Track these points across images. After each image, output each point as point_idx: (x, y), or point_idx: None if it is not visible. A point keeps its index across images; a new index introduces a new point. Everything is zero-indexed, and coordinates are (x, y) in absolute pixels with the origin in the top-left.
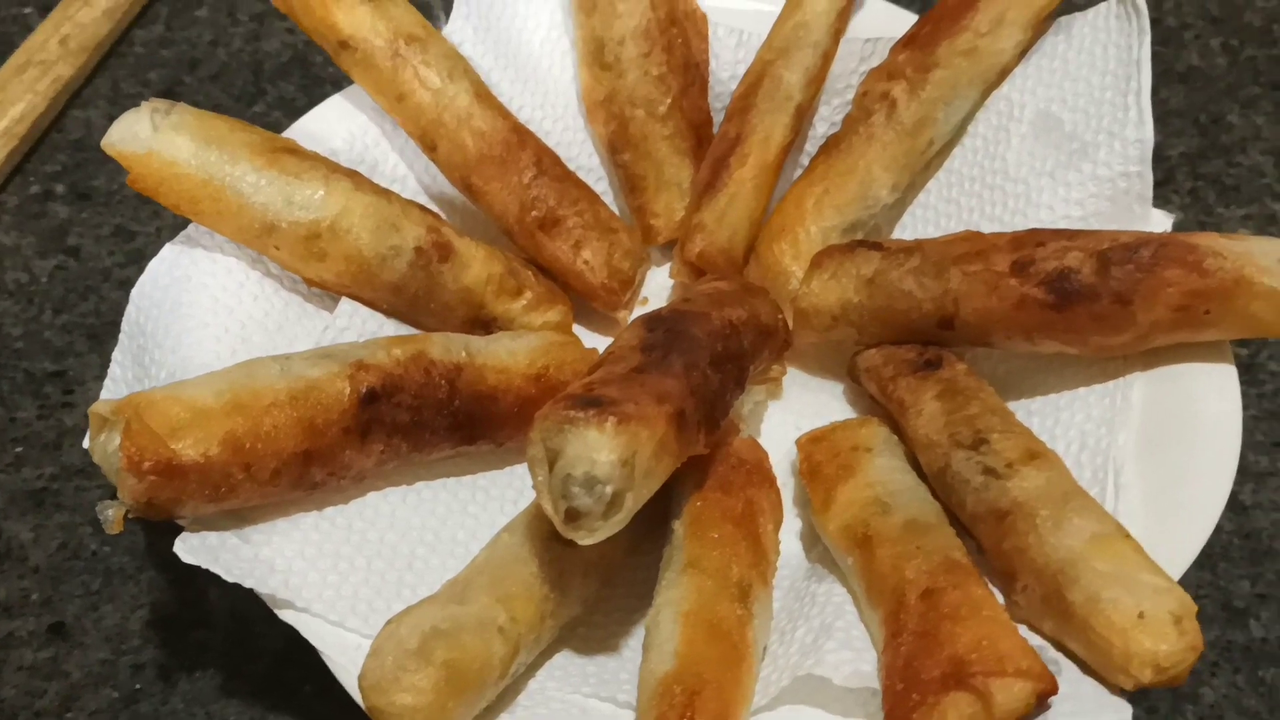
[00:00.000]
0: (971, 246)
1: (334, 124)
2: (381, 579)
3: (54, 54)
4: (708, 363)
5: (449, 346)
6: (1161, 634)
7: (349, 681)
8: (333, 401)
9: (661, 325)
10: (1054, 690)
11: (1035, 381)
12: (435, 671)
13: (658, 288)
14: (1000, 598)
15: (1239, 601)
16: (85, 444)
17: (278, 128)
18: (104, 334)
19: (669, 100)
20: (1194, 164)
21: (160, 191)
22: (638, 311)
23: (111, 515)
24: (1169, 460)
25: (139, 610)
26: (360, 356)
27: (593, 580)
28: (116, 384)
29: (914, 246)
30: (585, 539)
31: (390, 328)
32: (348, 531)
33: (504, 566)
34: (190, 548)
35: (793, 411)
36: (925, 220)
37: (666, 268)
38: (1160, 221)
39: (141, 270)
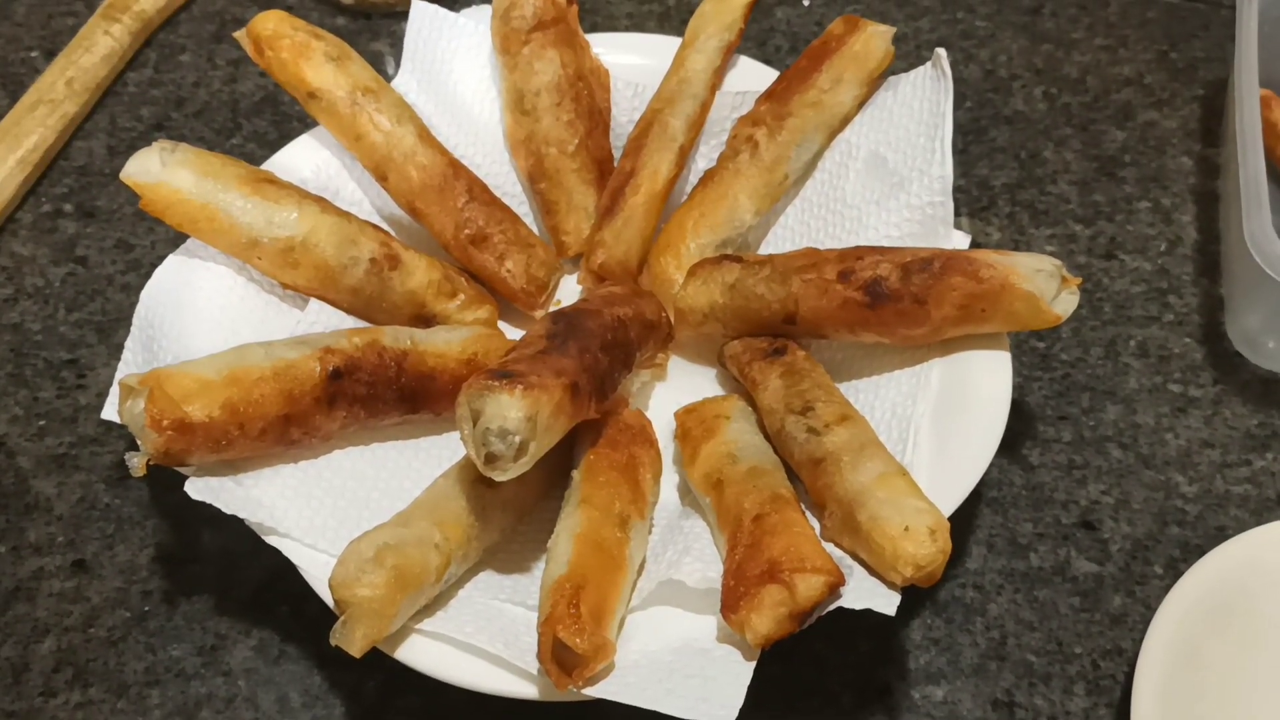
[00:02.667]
0: (809, 260)
1: (303, 158)
2: (344, 513)
3: (61, 94)
4: (598, 347)
5: (397, 336)
6: (920, 541)
7: (320, 588)
8: (306, 377)
9: (564, 319)
10: (842, 582)
11: (860, 365)
12: (385, 573)
13: (568, 293)
14: (816, 524)
15: (1022, 539)
16: (104, 414)
17: (253, 158)
18: (110, 329)
19: (576, 141)
20: (1013, 192)
21: (167, 214)
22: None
23: (136, 463)
24: (952, 424)
25: (146, 549)
26: (327, 344)
27: (509, 514)
28: (128, 366)
29: (766, 260)
30: (501, 476)
31: (350, 322)
32: (318, 478)
33: (439, 501)
34: (197, 488)
35: (674, 390)
36: (783, 239)
37: (576, 275)
38: (960, 240)
39: (140, 276)
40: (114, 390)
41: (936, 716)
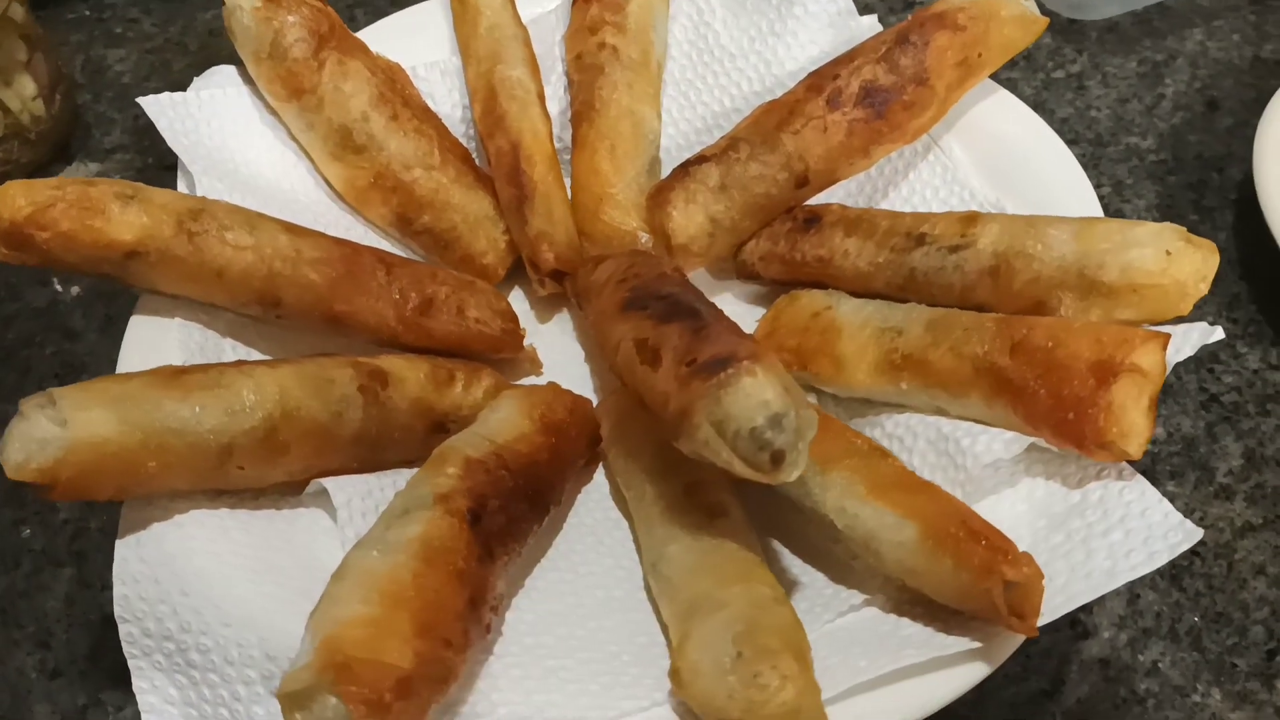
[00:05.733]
0: (780, 113)
1: (161, 336)
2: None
3: None
4: (702, 300)
5: (473, 444)
6: (1188, 254)
7: None
8: (451, 539)
9: (652, 300)
10: (1168, 338)
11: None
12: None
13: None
14: None
15: None
16: None
17: None
18: None
19: (436, 148)
20: None
21: (96, 484)
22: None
23: None
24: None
25: None
26: (429, 490)
27: None
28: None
29: (728, 143)
30: (793, 471)
31: (387, 480)
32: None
33: None
34: None
35: None
36: (695, 128)
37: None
38: (871, 25)
39: None
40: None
41: None
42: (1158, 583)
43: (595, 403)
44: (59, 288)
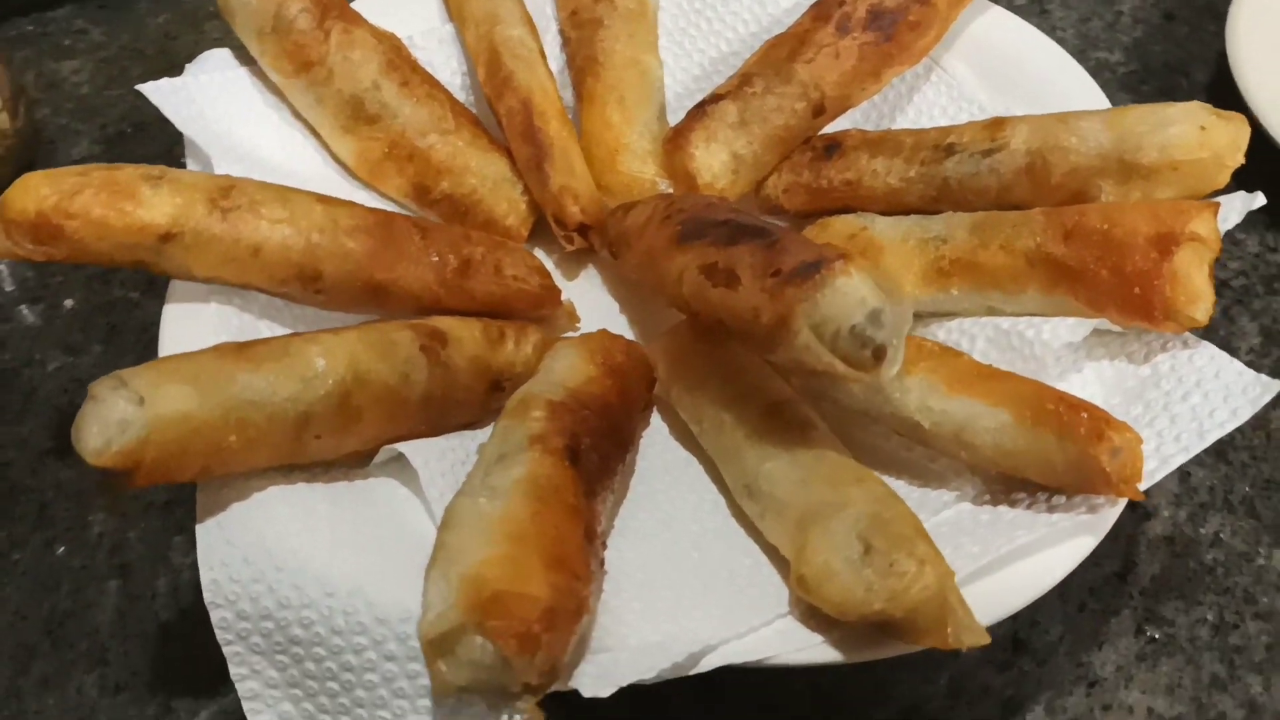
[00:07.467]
0: (790, 45)
1: (197, 323)
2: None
3: None
4: (759, 219)
5: (548, 390)
6: (1220, 127)
7: None
8: (560, 477)
9: (709, 228)
10: (1219, 206)
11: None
12: None
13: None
14: None
15: None
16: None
17: None
18: None
19: (450, 113)
20: None
21: (182, 464)
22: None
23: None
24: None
25: None
26: (527, 431)
27: None
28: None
29: (741, 79)
30: (894, 367)
31: (456, 441)
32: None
33: None
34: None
35: None
36: (695, 65)
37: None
38: None
39: None
40: None
41: None
42: (1204, 459)
43: None
44: (50, 304)
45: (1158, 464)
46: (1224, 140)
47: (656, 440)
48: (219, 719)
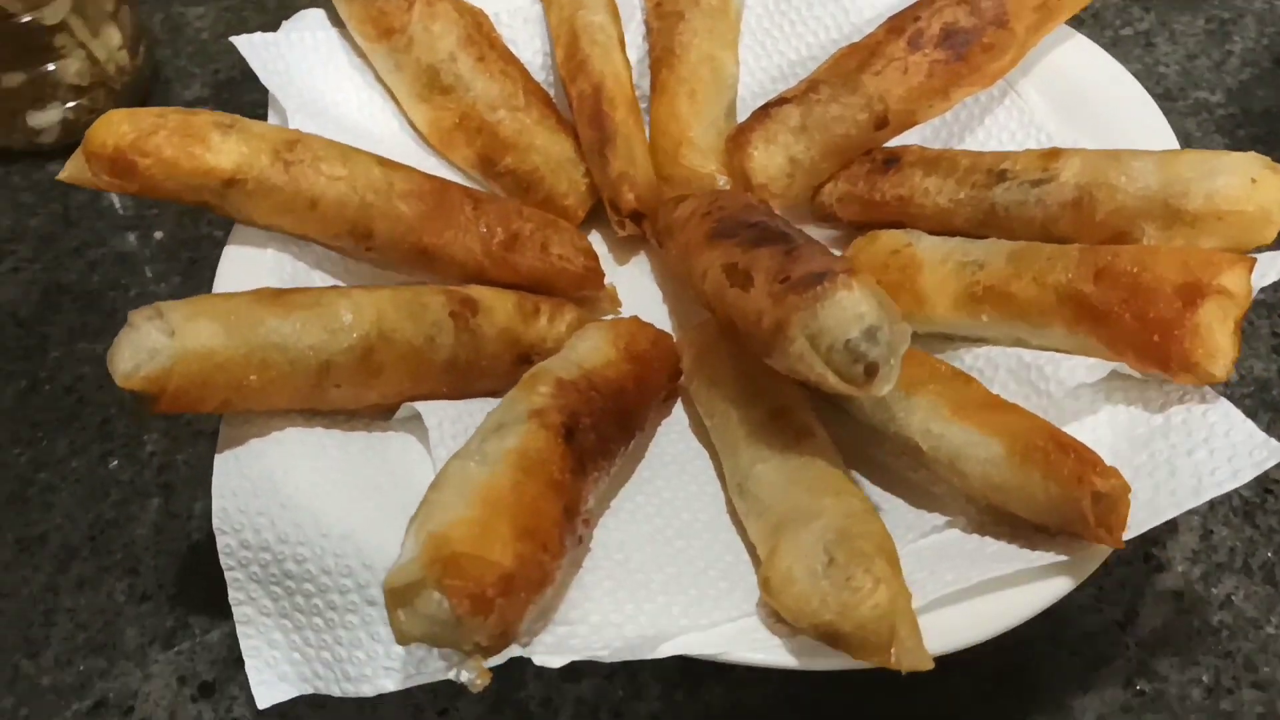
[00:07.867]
0: (860, 55)
1: (255, 265)
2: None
3: None
4: (790, 226)
5: (563, 367)
6: (1272, 181)
7: None
8: (548, 452)
9: (741, 228)
10: (1254, 262)
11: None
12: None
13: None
14: None
15: None
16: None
17: None
18: None
19: (521, 90)
20: None
21: (203, 396)
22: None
23: (474, 678)
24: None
25: None
26: (525, 406)
27: None
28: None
29: (808, 84)
30: (885, 385)
31: (476, 406)
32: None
33: None
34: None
35: None
36: (768, 71)
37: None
38: None
39: None
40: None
41: None
42: (1231, 519)
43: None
44: (143, 234)
45: (1148, 515)
46: (1273, 195)
47: (674, 430)
48: (228, 639)
